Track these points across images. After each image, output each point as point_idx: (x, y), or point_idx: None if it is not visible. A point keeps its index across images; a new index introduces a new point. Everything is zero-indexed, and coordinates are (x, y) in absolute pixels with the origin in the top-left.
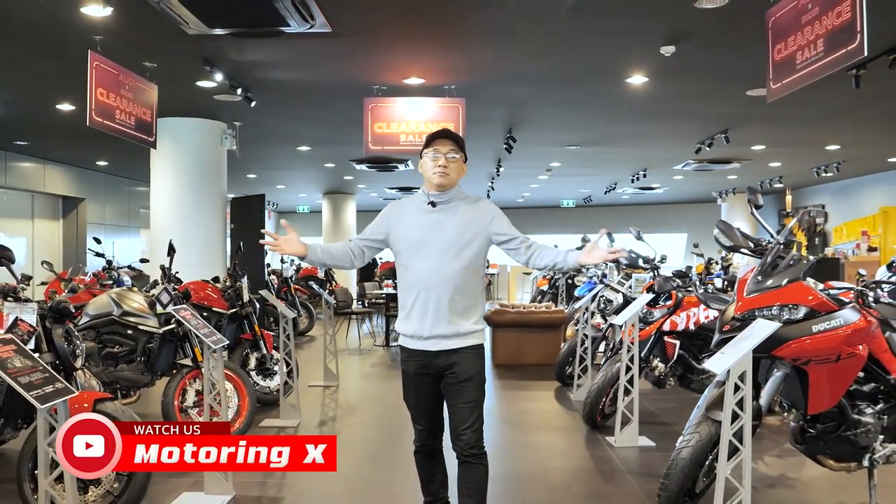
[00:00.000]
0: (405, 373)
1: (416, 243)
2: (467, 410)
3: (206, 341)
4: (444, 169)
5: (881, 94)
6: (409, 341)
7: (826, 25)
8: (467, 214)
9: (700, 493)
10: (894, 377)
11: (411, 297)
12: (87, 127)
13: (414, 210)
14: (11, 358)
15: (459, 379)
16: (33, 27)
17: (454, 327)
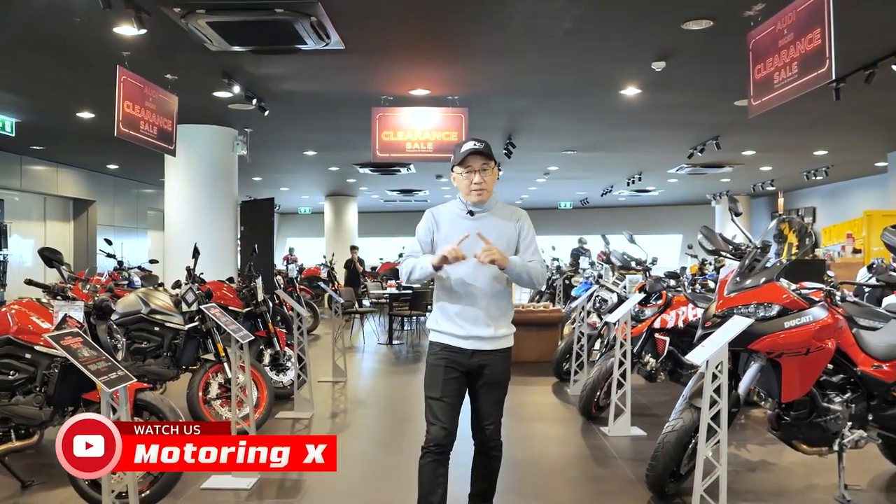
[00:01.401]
0: (434, 367)
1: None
2: (493, 408)
3: (234, 336)
4: (479, 186)
5: (863, 104)
6: (444, 338)
7: (800, 50)
8: (502, 223)
9: (684, 475)
10: (860, 369)
11: (450, 300)
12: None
13: (452, 217)
14: (80, 348)
15: (490, 381)
16: (65, 43)
17: (491, 330)
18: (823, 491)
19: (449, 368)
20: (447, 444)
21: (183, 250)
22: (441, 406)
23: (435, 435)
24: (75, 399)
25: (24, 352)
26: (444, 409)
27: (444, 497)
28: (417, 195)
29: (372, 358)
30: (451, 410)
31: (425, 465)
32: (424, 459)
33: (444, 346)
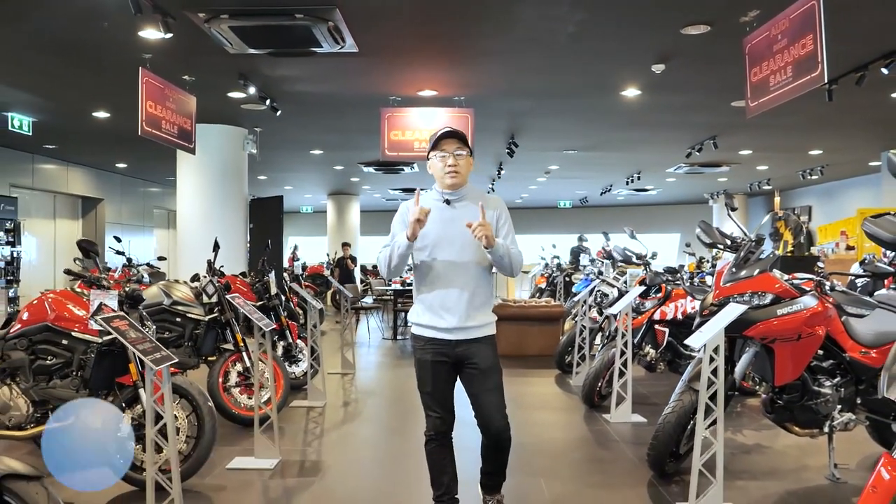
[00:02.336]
0: (421, 361)
1: (435, 239)
2: (493, 396)
3: (258, 324)
4: (453, 168)
5: (856, 105)
6: (427, 331)
7: (794, 55)
8: (478, 210)
9: (683, 454)
10: (849, 355)
11: (431, 290)
12: (115, 132)
13: (429, 206)
14: (127, 330)
15: (480, 368)
16: (89, 46)
17: (473, 319)
18: (814, 471)
19: (436, 363)
20: (446, 430)
21: (194, 246)
22: (434, 399)
23: (434, 424)
24: (109, 383)
25: (61, 338)
26: (438, 400)
27: (454, 475)
28: None
29: (377, 352)
30: (444, 399)
31: (431, 451)
32: (429, 446)
33: (427, 339)
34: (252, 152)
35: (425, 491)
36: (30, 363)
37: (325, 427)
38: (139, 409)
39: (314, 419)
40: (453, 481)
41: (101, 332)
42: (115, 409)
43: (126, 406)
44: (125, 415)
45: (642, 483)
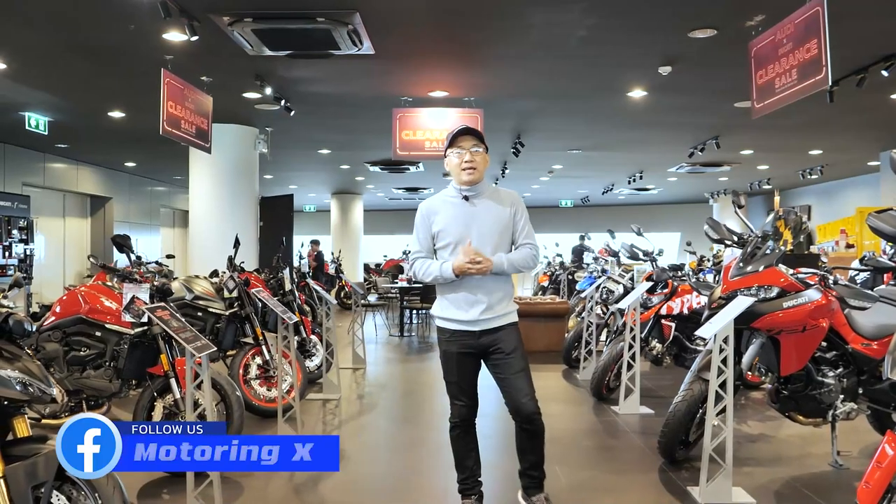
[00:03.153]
0: (447, 353)
1: (458, 236)
2: (521, 380)
3: (282, 317)
4: (470, 164)
5: (856, 107)
6: (451, 324)
7: (798, 58)
8: (498, 205)
9: (692, 442)
10: (851, 346)
11: (453, 286)
12: (129, 131)
13: (449, 205)
14: (169, 320)
15: (505, 352)
16: (112, 48)
17: (495, 312)
18: (818, 458)
19: (461, 353)
20: (470, 417)
21: (206, 243)
22: (458, 387)
23: (459, 412)
24: (140, 373)
25: (94, 329)
26: (463, 389)
27: (477, 460)
28: (423, 193)
29: (385, 348)
30: (469, 388)
31: (456, 437)
32: (454, 432)
33: (452, 331)
34: (263, 151)
35: (443, 476)
36: (64, 354)
37: (343, 418)
38: (170, 398)
39: (331, 411)
40: (477, 465)
41: (133, 324)
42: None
43: (158, 395)
44: (157, 404)
45: (653, 469)
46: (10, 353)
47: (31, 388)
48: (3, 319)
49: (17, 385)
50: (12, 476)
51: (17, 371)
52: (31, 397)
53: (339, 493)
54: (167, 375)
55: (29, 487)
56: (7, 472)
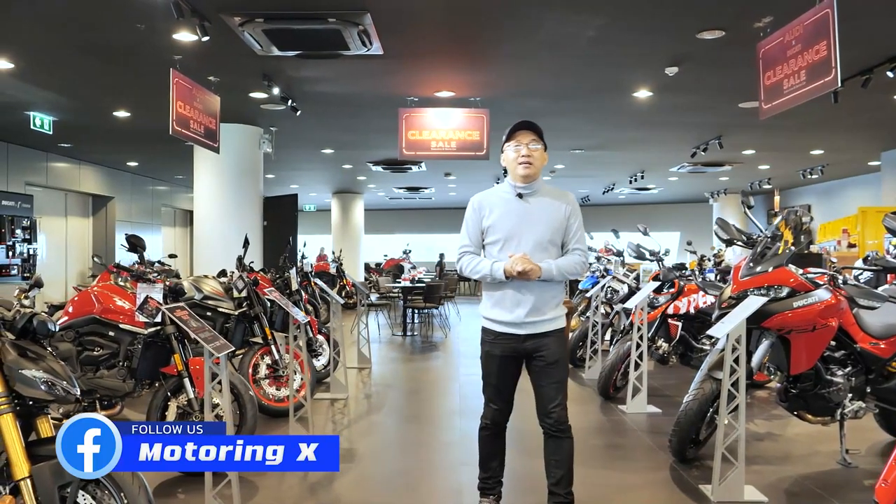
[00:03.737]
0: (489, 354)
1: (508, 233)
2: (555, 390)
3: (294, 316)
4: (527, 159)
5: (859, 107)
6: (497, 325)
7: (807, 60)
8: (552, 205)
9: (703, 440)
10: (859, 346)
11: (502, 285)
12: (133, 131)
13: (501, 201)
14: (188, 320)
15: (548, 361)
16: (121, 47)
17: (542, 314)
18: (826, 456)
19: (504, 357)
20: (502, 421)
21: (211, 243)
22: (496, 390)
23: (492, 415)
24: (154, 373)
25: (107, 329)
26: (499, 392)
27: (501, 462)
28: (423, 192)
29: (389, 348)
30: (507, 393)
31: (484, 438)
32: (483, 433)
33: (497, 333)
34: (267, 151)
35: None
36: (77, 354)
37: (352, 418)
38: (183, 398)
39: (340, 410)
40: (500, 467)
41: (146, 324)
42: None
43: (171, 395)
44: (171, 403)
45: (664, 468)
46: (35, 354)
47: (56, 387)
48: (28, 320)
49: (43, 385)
50: (39, 476)
51: (41, 371)
52: (55, 397)
53: (354, 491)
54: (181, 375)
55: (55, 487)
56: (34, 472)
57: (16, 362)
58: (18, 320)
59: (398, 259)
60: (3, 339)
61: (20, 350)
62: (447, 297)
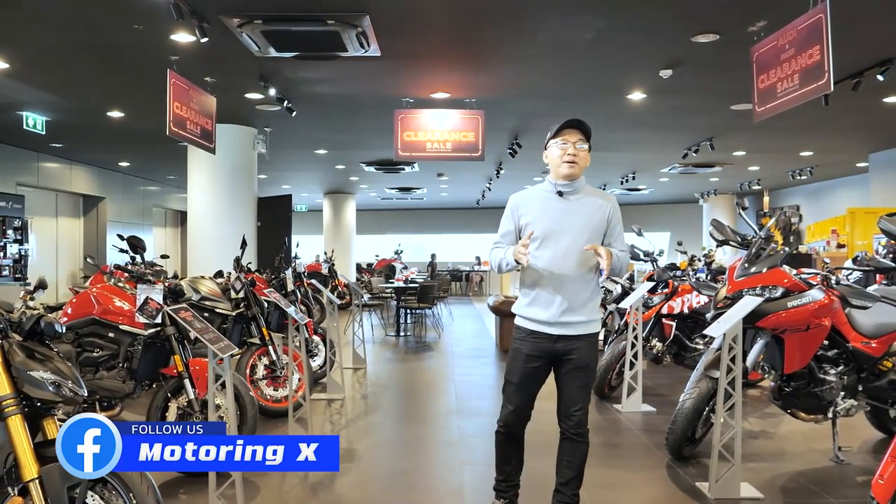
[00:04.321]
0: (517, 351)
1: (547, 232)
2: (580, 393)
3: (295, 317)
4: (573, 158)
5: (849, 109)
6: (530, 324)
7: (801, 64)
8: (593, 205)
9: (699, 438)
10: (852, 345)
11: (537, 284)
12: (126, 131)
13: (541, 199)
14: (193, 321)
15: (577, 365)
16: (118, 47)
17: (578, 315)
18: (819, 453)
19: (532, 356)
20: (516, 424)
21: (205, 244)
22: (516, 391)
23: (506, 417)
24: (154, 374)
25: (107, 330)
26: (519, 393)
27: (518, 465)
28: (415, 193)
29: (383, 349)
30: (526, 396)
31: (500, 441)
32: (498, 436)
33: (529, 331)
34: (262, 151)
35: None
36: (76, 355)
37: (350, 418)
38: (183, 399)
39: (337, 411)
40: (516, 471)
41: (146, 325)
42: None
43: (171, 396)
44: (171, 404)
45: (661, 466)
46: (42, 355)
47: (64, 389)
48: (35, 321)
49: (51, 386)
50: (48, 477)
51: (49, 373)
52: (63, 398)
53: (356, 491)
54: (181, 376)
55: (64, 488)
56: (43, 473)
57: (24, 364)
58: (26, 322)
59: (390, 259)
60: (10, 340)
61: (28, 352)
62: (440, 298)
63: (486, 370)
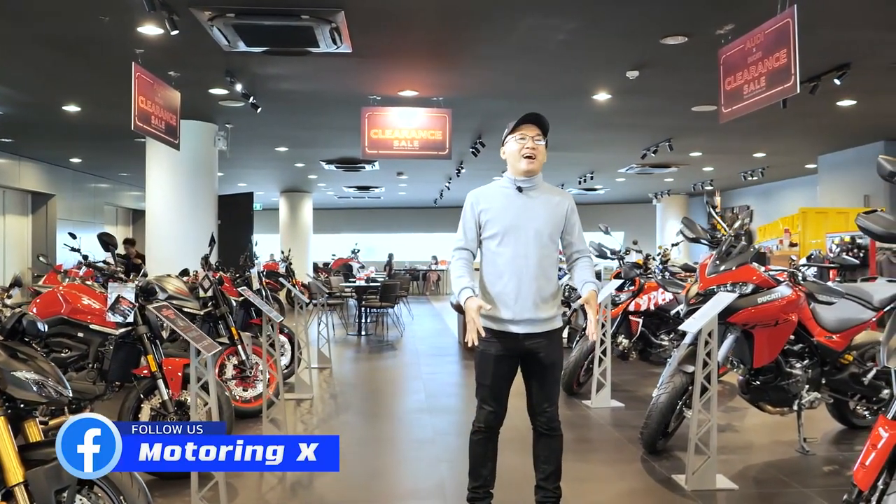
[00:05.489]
0: (485, 353)
1: (508, 228)
2: (549, 389)
3: (271, 315)
4: (531, 152)
5: (802, 112)
6: (494, 323)
7: (768, 67)
8: (552, 202)
9: (671, 431)
10: (816, 339)
11: (500, 281)
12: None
13: (501, 195)
14: (176, 319)
15: (545, 363)
16: (81, 40)
17: (542, 312)
18: (784, 444)
19: (501, 356)
20: (496, 425)
21: (164, 242)
22: (492, 392)
23: (485, 418)
24: (125, 374)
25: (76, 330)
26: (494, 394)
27: (493, 470)
28: (373, 192)
29: (346, 348)
30: (502, 394)
31: (477, 442)
32: (475, 437)
33: (494, 332)
34: (223, 149)
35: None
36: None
37: (321, 417)
38: (157, 400)
39: (307, 410)
40: (491, 476)
41: (117, 324)
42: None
43: (144, 397)
44: (144, 406)
45: (635, 459)
46: (25, 355)
47: (48, 389)
48: (17, 320)
49: (34, 386)
50: (34, 481)
51: (32, 372)
52: (48, 399)
53: (336, 491)
54: (154, 376)
55: (52, 492)
56: (28, 478)
57: (7, 364)
58: (6, 321)
59: (346, 259)
60: None
61: (10, 351)
62: (401, 297)
63: (452, 368)
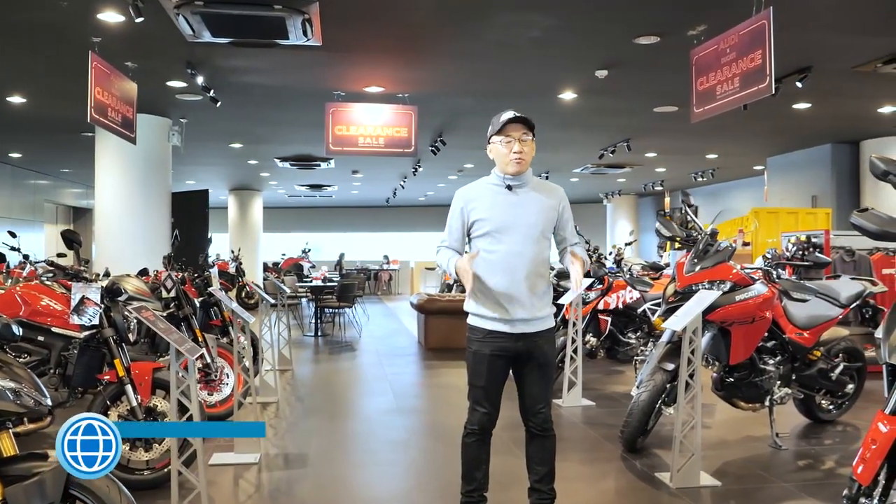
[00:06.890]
0: (478, 354)
1: (498, 226)
2: (543, 390)
3: (241, 315)
4: (519, 155)
5: (758, 114)
6: (487, 323)
7: (742, 67)
8: (541, 198)
9: (650, 429)
10: (788, 336)
11: (491, 279)
12: (26, 118)
13: (490, 193)
14: (156, 321)
15: (540, 363)
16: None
17: (535, 311)
18: (756, 440)
19: (494, 356)
20: (490, 426)
21: (115, 239)
22: (486, 393)
23: (479, 420)
24: (90, 380)
25: (36, 333)
26: (489, 395)
27: (486, 473)
28: (325, 191)
29: (304, 349)
30: (496, 395)
31: (469, 445)
32: (468, 439)
33: (487, 331)
34: (176, 144)
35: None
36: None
37: (290, 421)
38: (124, 406)
39: (274, 414)
40: (485, 478)
41: (81, 327)
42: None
43: (110, 403)
44: (111, 412)
45: (614, 458)
46: None
47: (25, 398)
48: None
49: (10, 395)
50: (14, 498)
51: (8, 380)
52: (26, 409)
53: (317, 495)
54: (122, 381)
55: None
56: (7, 495)
57: None
58: None
59: (297, 258)
60: None
61: None
62: (358, 296)
63: (415, 368)
